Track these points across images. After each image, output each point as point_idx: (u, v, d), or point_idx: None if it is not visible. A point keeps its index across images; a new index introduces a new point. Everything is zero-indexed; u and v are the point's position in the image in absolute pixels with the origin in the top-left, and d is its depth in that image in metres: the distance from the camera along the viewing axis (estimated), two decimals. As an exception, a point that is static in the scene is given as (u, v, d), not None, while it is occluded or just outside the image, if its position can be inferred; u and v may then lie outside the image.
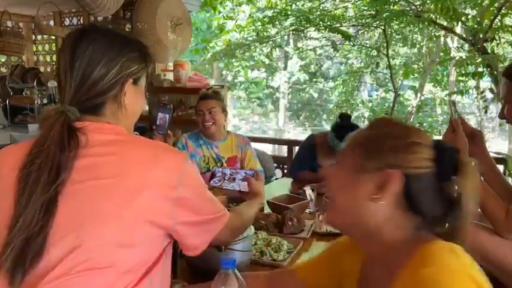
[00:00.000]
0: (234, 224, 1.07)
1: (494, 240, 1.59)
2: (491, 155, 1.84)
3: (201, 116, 2.38)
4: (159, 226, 0.88)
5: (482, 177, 1.66)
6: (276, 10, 5.87)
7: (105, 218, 0.83)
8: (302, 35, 6.41)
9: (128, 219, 0.84)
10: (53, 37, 4.40)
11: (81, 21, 4.15)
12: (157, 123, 1.62)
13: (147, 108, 3.83)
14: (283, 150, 5.56)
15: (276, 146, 9.03)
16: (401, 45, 7.42)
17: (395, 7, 4.88)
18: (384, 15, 4.70)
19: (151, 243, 0.89)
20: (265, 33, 6.39)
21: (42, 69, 4.64)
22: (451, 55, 5.89)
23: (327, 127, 10.89)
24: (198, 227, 0.95)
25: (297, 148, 3.64)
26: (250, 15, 7.15)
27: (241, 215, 1.15)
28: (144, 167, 0.86)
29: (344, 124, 2.42)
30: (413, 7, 4.84)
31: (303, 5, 6.27)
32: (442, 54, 6.48)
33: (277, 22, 5.75)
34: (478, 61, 4.29)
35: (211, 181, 1.45)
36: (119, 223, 0.83)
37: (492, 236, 1.60)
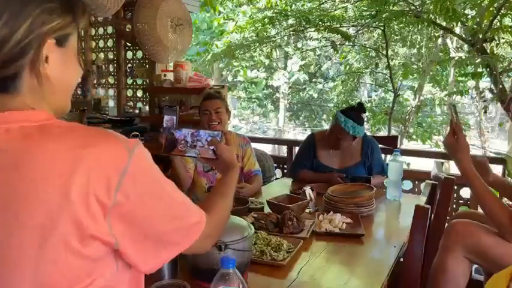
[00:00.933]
0: (211, 227, 0.84)
1: (493, 241, 1.60)
2: (491, 155, 1.86)
3: (207, 116, 2.36)
4: (100, 242, 0.66)
5: None
6: (275, 10, 5.88)
7: (16, 265, 0.62)
8: (302, 35, 6.41)
9: (50, 259, 0.62)
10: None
11: (82, 22, 4.15)
12: (164, 125, 1.61)
13: (147, 108, 3.84)
14: (283, 150, 5.58)
15: (276, 146, 9.05)
16: (400, 45, 7.42)
17: (395, 7, 4.89)
18: (384, 16, 4.71)
19: (97, 270, 0.67)
20: (265, 34, 6.40)
21: (42, 69, 4.64)
22: (451, 55, 5.90)
23: (327, 127, 10.92)
24: (153, 244, 0.72)
25: (297, 148, 3.66)
26: (250, 16, 7.16)
27: (217, 209, 0.92)
28: (64, 174, 0.62)
29: (355, 108, 2.54)
30: (412, 7, 4.85)
31: (302, 5, 6.28)
32: (441, 54, 6.48)
33: (277, 22, 5.76)
34: (477, 61, 4.30)
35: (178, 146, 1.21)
36: (38, 267, 0.62)
37: (492, 237, 1.62)
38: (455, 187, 2.90)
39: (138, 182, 0.67)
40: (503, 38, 4.48)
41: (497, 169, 2.90)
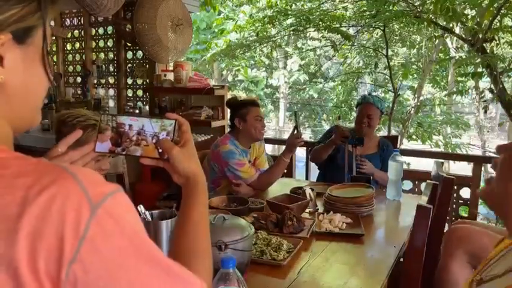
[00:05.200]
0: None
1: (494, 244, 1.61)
2: (491, 155, 1.85)
3: (260, 123, 2.41)
4: None
5: None
6: (275, 10, 5.89)
7: None
8: (302, 35, 6.42)
9: None
10: (54, 37, 4.41)
11: (82, 22, 4.16)
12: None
13: (147, 108, 3.83)
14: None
15: (276, 146, 9.05)
16: (400, 45, 7.43)
17: (395, 7, 4.89)
18: (384, 16, 4.71)
19: None
20: (265, 33, 6.41)
21: (42, 69, 4.64)
22: (451, 55, 5.90)
23: (327, 127, 10.96)
24: None
25: (297, 148, 3.66)
26: (250, 15, 7.17)
27: (205, 267, 0.70)
28: (3, 236, 0.45)
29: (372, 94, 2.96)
30: (412, 7, 4.85)
31: (302, 5, 6.29)
32: (441, 54, 6.49)
33: (277, 22, 5.77)
34: (477, 61, 4.31)
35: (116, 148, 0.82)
36: None
37: (493, 240, 1.62)
38: (455, 187, 2.90)
39: (103, 250, 0.47)
40: (503, 38, 4.49)
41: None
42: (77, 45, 4.26)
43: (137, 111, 3.82)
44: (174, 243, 0.73)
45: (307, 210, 2.00)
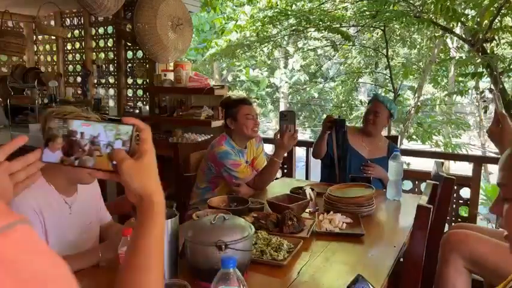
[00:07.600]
0: None
1: (488, 248, 1.61)
2: (491, 155, 1.86)
3: (252, 121, 2.37)
4: None
5: None
6: (275, 10, 5.89)
7: None
8: (302, 35, 6.42)
9: None
10: (54, 37, 4.41)
11: (82, 22, 4.16)
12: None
13: (147, 108, 3.84)
14: (283, 150, 5.55)
15: (276, 145, 9.05)
16: (400, 45, 7.44)
17: (395, 7, 4.89)
18: (384, 16, 4.72)
19: None
20: (265, 33, 6.41)
21: (42, 69, 4.66)
22: (451, 55, 5.91)
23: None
24: None
25: (297, 148, 3.67)
26: (251, 15, 7.17)
27: None
28: None
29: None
30: (413, 8, 4.86)
31: (302, 5, 6.29)
32: (441, 54, 6.49)
33: (277, 22, 5.77)
34: (477, 61, 4.31)
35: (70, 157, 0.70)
36: None
37: (486, 245, 1.63)
38: (455, 187, 2.90)
39: None
40: (503, 38, 4.49)
41: (497, 168, 2.90)
42: (77, 45, 4.26)
43: (137, 111, 3.82)
44: (121, 274, 0.61)
45: (307, 210, 1.99)
